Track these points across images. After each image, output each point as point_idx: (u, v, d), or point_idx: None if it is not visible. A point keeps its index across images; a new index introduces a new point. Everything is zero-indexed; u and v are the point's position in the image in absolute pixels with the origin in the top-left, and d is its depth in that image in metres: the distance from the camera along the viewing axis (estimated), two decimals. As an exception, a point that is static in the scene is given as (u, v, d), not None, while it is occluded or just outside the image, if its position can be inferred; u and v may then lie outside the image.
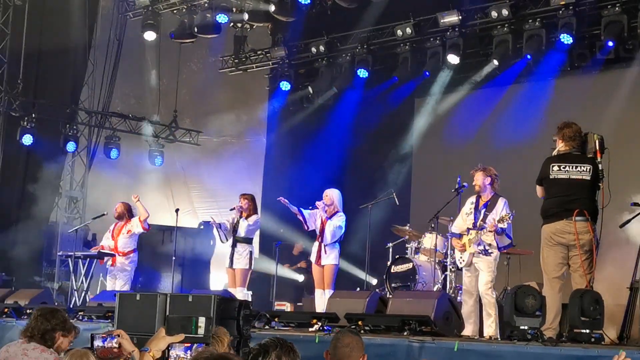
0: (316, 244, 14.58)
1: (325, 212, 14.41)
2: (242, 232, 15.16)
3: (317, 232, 14.56)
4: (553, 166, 10.48)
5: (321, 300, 14.05)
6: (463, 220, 12.41)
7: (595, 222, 10.38)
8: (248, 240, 15.29)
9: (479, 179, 12.24)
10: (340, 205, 14.57)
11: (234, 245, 15.19)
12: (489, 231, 11.89)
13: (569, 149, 10.52)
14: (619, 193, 10.77)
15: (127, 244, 16.31)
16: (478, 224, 12.05)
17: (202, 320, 5.01)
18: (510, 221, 11.83)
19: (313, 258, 14.59)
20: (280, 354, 5.41)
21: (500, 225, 11.80)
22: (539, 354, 9.11)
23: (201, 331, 5.02)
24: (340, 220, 14.39)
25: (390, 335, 10.78)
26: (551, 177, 10.47)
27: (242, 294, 14.58)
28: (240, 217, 15.22)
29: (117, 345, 5.81)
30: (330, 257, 14.31)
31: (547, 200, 10.60)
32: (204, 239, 20.11)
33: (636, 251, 10.81)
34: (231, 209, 15.45)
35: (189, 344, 4.91)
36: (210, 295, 9.77)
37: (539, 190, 10.79)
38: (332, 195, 14.53)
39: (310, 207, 14.65)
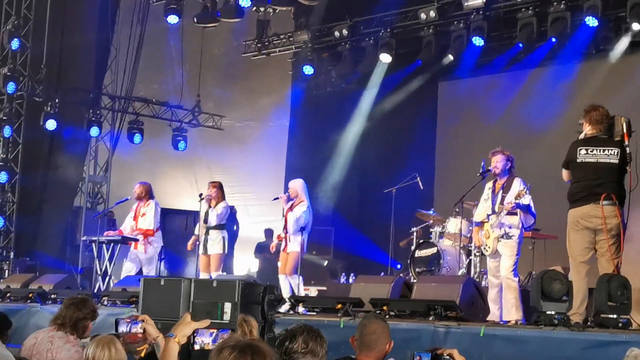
0: (283, 233, 14.77)
1: (289, 203, 14.62)
2: (212, 221, 15.41)
3: (283, 223, 14.72)
4: (580, 150, 10.35)
5: (284, 284, 14.40)
6: (483, 208, 12.30)
7: (623, 205, 10.25)
8: (220, 227, 15.51)
9: (501, 162, 12.10)
10: (305, 195, 14.74)
11: (206, 233, 15.41)
12: (508, 213, 11.76)
13: (596, 132, 10.38)
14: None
15: (148, 224, 16.20)
16: (497, 207, 11.94)
17: (227, 306, 4.98)
18: (527, 194, 11.70)
19: (282, 247, 14.75)
20: (307, 338, 5.41)
21: (519, 202, 11.67)
22: (566, 339, 9.03)
23: (226, 317, 4.99)
24: (301, 210, 14.50)
25: (416, 320, 10.72)
26: (578, 160, 10.34)
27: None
28: (210, 206, 15.37)
29: (141, 331, 5.79)
30: (294, 245, 14.49)
31: (573, 184, 10.47)
32: (227, 223, 20.09)
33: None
34: (201, 199, 15.50)
35: (214, 330, 4.88)
36: (235, 280, 9.77)
37: (565, 174, 10.65)
38: (296, 186, 14.79)
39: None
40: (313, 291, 17.48)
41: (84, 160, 21.69)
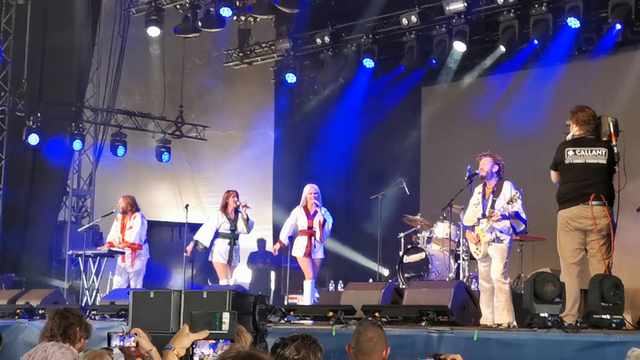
0: (304, 238, 14.65)
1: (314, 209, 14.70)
2: (249, 229, 15.35)
3: (307, 227, 14.73)
4: (568, 151, 10.35)
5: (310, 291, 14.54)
6: (473, 212, 12.26)
7: (612, 206, 10.26)
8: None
9: (487, 164, 12.06)
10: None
11: (234, 243, 15.28)
12: (497, 219, 11.73)
13: (583, 133, 10.39)
14: (635, 175, 10.65)
15: (135, 239, 16.09)
16: (487, 212, 11.90)
17: (226, 316, 4.91)
18: (520, 199, 11.68)
19: (298, 252, 14.67)
20: (300, 346, 5.42)
21: (511, 208, 11.64)
22: (560, 341, 8.99)
23: (225, 327, 4.92)
24: (328, 215, 14.79)
25: (408, 326, 10.67)
26: (566, 162, 10.34)
27: None
28: (247, 217, 15.28)
29: (134, 344, 5.74)
30: (321, 251, 14.79)
31: (562, 185, 10.47)
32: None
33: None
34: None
35: (213, 341, 4.83)
36: (226, 291, 9.69)
37: (553, 175, 10.65)
38: (318, 190, 14.83)
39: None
40: (302, 300, 17.41)
41: (68, 174, 21.59)
